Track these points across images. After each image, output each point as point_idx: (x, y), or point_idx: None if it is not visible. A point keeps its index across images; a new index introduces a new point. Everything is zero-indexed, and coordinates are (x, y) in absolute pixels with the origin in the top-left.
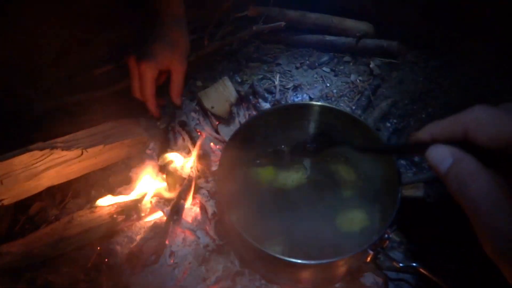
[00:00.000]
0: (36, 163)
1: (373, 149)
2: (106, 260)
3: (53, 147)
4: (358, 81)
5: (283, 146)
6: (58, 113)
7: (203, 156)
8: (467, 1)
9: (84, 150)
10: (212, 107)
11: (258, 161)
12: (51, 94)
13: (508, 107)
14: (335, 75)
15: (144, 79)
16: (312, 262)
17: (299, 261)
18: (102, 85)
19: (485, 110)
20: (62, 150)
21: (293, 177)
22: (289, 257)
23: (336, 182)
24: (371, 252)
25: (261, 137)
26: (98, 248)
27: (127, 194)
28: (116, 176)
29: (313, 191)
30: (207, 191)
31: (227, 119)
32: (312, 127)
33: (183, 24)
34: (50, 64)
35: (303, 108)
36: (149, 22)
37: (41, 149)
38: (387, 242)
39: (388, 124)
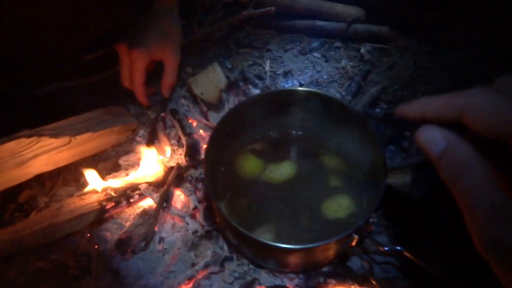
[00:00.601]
0: (24, 150)
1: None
2: (96, 246)
3: (40, 135)
4: (348, 66)
5: (271, 133)
6: (47, 100)
7: (193, 143)
8: None
9: (72, 138)
10: (202, 94)
11: (246, 148)
12: (39, 81)
13: (504, 84)
14: (326, 61)
15: (135, 68)
16: (298, 246)
17: (285, 246)
18: (92, 72)
19: (485, 95)
20: (50, 137)
21: (281, 165)
22: (277, 243)
23: (324, 170)
24: (356, 237)
25: (249, 123)
26: (88, 234)
27: (117, 180)
28: (106, 163)
29: (301, 179)
30: (196, 178)
31: (217, 106)
32: (300, 113)
33: (176, 14)
34: (37, 51)
35: (291, 94)
36: (142, 11)
37: (29, 136)
38: (373, 226)
39: (378, 110)
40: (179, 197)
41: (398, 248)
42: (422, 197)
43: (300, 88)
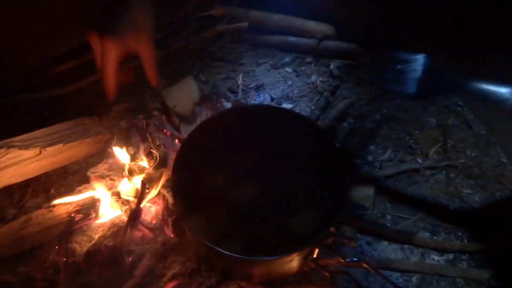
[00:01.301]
0: None
1: None
2: (64, 259)
3: (9, 146)
4: (318, 82)
5: (239, 147)
6: (17, 111)
7: (163, 156)
8: (425, 3)
9: (42, 149)
10: (175, 106)
11: (215, 161)
12: (8, 91)
13: None
14: (297, 76)
15: (107, 58)
16: (259, 258)
17: (246, 257)
18: (64, 83)
19: None
20: (19, 149)
21: (246, 184)
22: (246, 254)
23: (289, 186)
24: (316, 249)
25: (218, 137)
26: (57, 247)
27: (86, 193)
28: (76, 175)
29: (266, 196)
30: (167, 190)
31: (189, 118)
32: (268, 129)
33: (148, 6)
34: (9, 60)
35: (260, 110)
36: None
37: None
38: (333, 239)
39: (345, 124)
40: (149, 208)
41: (356, 259)
42: (383, 209)
43: (269, 104)
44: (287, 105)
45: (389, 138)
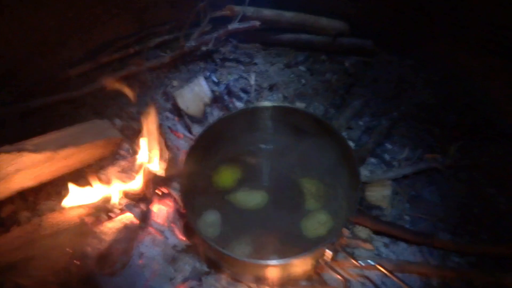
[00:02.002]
0: (5, 166)
1: None
2: (76, 261)
3: (21, 150)
4: (332, 80)
5: (249, 148)
6: (30, 115)
7: (174, 157)
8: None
9: (54, 153)
10: (187, 108)
11: (225, 163)
12: (22, 96)
13: None
14: (311, 74)
15: None
16: (265, 262)
17: (254, 261)
18: (77, 86)
19: None
20: (31, 152)
21: (260, 181)
22: (255, 258)
23: (301, 191)
24: (330, 252)
25: (229, 139)
26: (68, 250)
27: (98, 195)
28: (90, 177)
29: (278, 202)
30: (176, 192)
31: (201, 120)
32: (280, 129)
33: None
34: (23, 65)
35: (270, 110)
36: None
37: (9, 151)
38: (346, 241)
39: (361, 123)
40: (160, 210)
41: (371, 262)
42: (401, 210)
43: (279, 104)
44: (300, 104)
45: (407, 136)
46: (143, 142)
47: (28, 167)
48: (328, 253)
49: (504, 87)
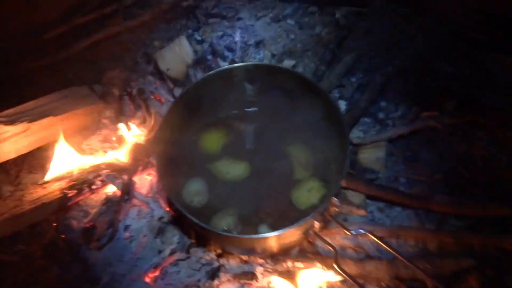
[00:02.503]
0: None
1: None
2: (62, 235)
3: None
4: (323, 33)
5: (233, 111)
6: (4, 83)
7: (157, 125)
8: None
9: (30, 124)
10: (168, 69)
11: (207, 128)
12: None
13: None
14: (300, 28)
15: None
16: (253, 236)
17: (239, 236)
18: (53, 51)
19: None
20: (5, 125)
21: (244, 148)
22: (240, 229)
23: (288, 153)
24: (316, 223)
25: (210, 101)
26: (54, 224)
27: (80, 167)
28: (72, 148)
29: (264, 162)
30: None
31: (183, 82)
32: (265, 89)
33: None
34: None
35: (253, 70)
36: None
37: None
38: (335, 209)
39: (353, 80)
40: (145, 181)
41: (362, 231)
42: (396, 172)
43: (264, 63)
44: (289, 62)
45: (402, 92)
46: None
47: (3, 140)
48: (317, 223)
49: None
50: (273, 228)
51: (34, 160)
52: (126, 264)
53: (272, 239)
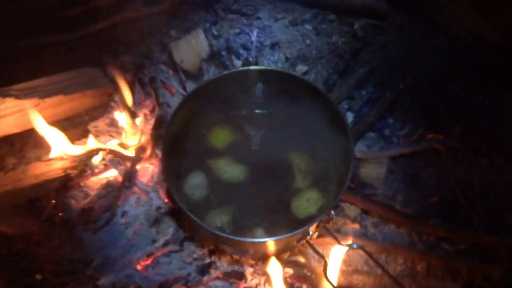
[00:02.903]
0: None
1: None
2: (60, 213)
3: (6, 95)
4: (339, 42)
5: (243, 112)
6: (19, 56)
7: (163, 115)
8: None
9: (41, 100)
10: (182, 61)
11: (214, 127)
12: (12, 34)
13: None
14: (317, 34)
15: None
16: (248, 239)
17: (231, 237)
18: (69, 29)
19: None
20: (16, 98)
21: (248, 150)
22: (234, 229)
23: (290, 168)
24: (311, 233)
25: (221, 99)
26: (53, 201)
27: (84, 147)
28: (77, 128)
29: (266, 166)
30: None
31: (196, 76)
32: (275, 94)
33: None
34: (10, 2)
35: (266, 74)
36: None
37: None
38: (331, 221)
39: (364, 93)
40: (147, 169)
41: (354, 245)
42: (394, 190)
43: (276, 69)
44: (302, 67)
45: (410, 111)
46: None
47: (12, 114)
48: (312, 233)
49: None
50: (268, 232)
51: (39, 135)
52: (120, 249)
53: (266, 243)
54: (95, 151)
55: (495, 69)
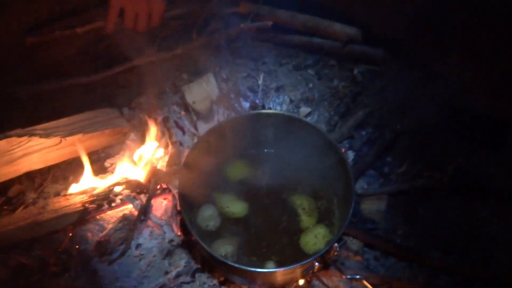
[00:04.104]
0: (14, 149)
1: None
2: (77, 246)
3: (31, 134)
4: (340, 86)
5: (252, 151)
6: (41, 98)
7: (176, 153)
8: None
9: (62, 139)
10: (194, 102)
11: (225, 165)
12: (35, 78)
13: None
14: (319, 79)
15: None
16: (253, 269)
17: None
18: (90, 71)
19: None
20: (41, 137)
21: (257, 187)
22: (240, 259)
23: (293, 209)
24: (317, 264)
25: (231, 141)
26: (70, 234)
27: (101, 183)
28: (94, 165)
29: (274, 204)
30: (175, 188)
31: (207, 116)
32: (281, 137)
33: None
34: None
35: (273, 117)
36: None
37: (20, 135)
38: (335, 254)
39: (363, 133)
40: (160, 204)
41: (357, 276)
42: (394, 224)
43: (283, 112)
44: (306, 109)
45: (408, 150)
46: (149, 135)
47: (36, 151)
48: (317, 264)
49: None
50: (278, 264)
51: (59, 171)
52: (133, 280)
53: (274, 274)
54: (114, 186)
55: (481, 130)
